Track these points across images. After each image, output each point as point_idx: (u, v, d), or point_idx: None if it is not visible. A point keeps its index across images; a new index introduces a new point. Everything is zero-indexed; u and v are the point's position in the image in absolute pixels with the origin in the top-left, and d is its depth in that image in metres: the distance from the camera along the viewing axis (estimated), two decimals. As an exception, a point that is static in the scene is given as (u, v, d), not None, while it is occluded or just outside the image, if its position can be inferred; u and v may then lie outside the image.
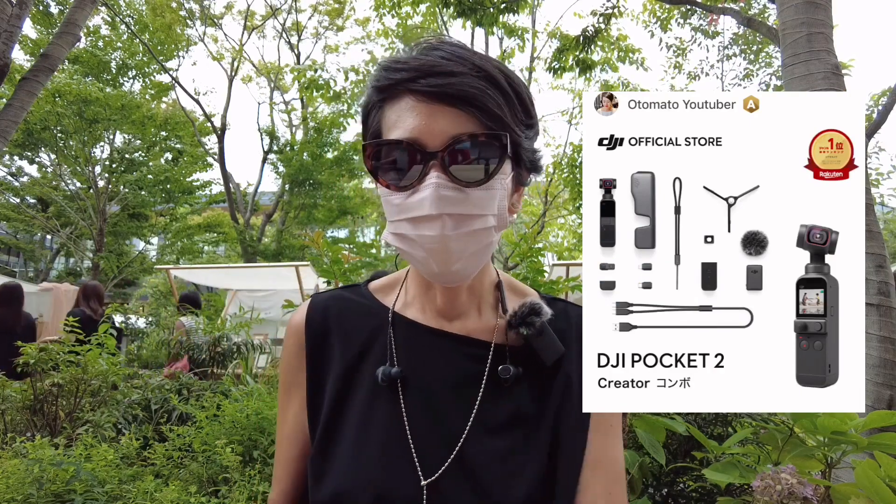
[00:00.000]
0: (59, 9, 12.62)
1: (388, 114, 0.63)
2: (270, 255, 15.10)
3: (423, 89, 0.59)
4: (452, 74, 0.59)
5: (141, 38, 13.92)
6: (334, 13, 16.16)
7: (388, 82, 0.62)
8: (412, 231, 0.61)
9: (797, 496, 1.04)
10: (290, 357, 0.75)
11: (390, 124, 0.63)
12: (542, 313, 0.69)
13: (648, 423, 1.54)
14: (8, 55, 3.36)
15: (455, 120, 0.59)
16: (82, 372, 3.59)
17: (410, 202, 0.60)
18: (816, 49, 2.39)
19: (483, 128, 0.60)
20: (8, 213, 15.35)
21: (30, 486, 2.21)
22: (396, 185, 0.61)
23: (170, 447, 2.62)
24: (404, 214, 0.61)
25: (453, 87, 0.59)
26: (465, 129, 0.59)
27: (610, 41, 8.57)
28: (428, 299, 0.73)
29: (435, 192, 0.58)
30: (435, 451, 0.64)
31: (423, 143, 0.59)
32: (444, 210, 0.59)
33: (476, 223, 0.61)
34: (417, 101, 0.60)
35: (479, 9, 5.43)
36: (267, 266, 10.38)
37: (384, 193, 0.63)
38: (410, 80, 0.60)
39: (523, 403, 0.67)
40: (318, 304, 0.76)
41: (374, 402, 0.68)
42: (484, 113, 0.60)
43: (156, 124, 13.86)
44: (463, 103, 0.59)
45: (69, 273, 19.59)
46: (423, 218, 0.60)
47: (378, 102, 0.65)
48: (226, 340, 7.12)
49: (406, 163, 0.60)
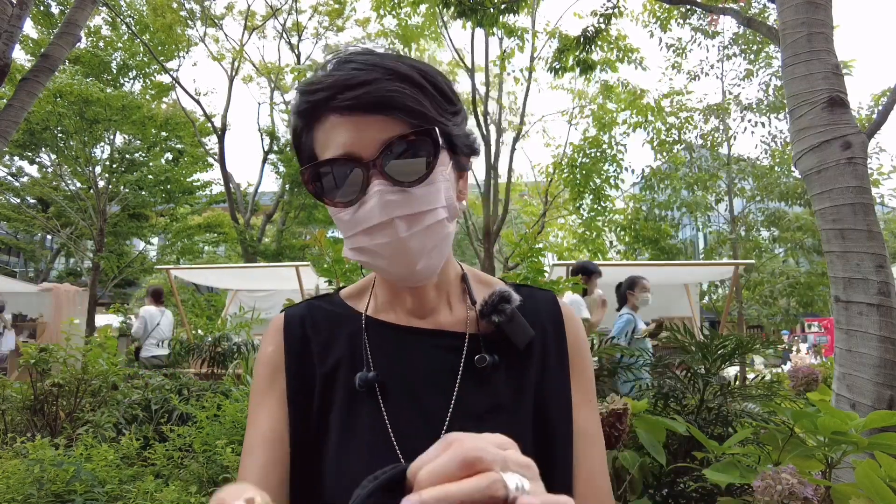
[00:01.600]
0: (59, 9, 12.64)
1: (317, 136, 0.64)
2: (271, 255, 15.10)
3: (343, 105, 0.60)
4: (368, 83, 0.60)
5: (141, 39, 13.93)
6: (334, 14, 16.16)
7: (308, 105, 0.63)
8: (368, 242, 0.63)
9: (798, 496, 1.04)
10: (268, 366, 0.73)
11: (321, 145, 0.64)
12: (512, 300, 0.71)
13: (649, 424, 1.54)
14: (8, 55, 3.36)
15: (382, 126, 0.60)
16: (82, 372, 3.59)
17: (359, 215, 0.62)
18: (817, 49, 2.38)
19: (410, 127, 0.61)
20: (8, 213, 15.35)
21: (30, 486, 2.21)
22: (342, 202, 0.63)
23: (170, 447, 2.63)
24: (357, 227, 0.63)
25: (371, 96, 0.60)
26: (393, 133, 0.60)
27: (610, 41, 8.57)
28: (398, 301, 0.73)
29: (380, 198, 0.60)
30: (420, 449, 0.65)
31: (356, 155, 0.61)
32: (394, 214, 0.60)
33: (427, 218, 0.62)
34: (341, 117, 0.61)
35: (479, 9, 5.43)
36: (267, 266, 10.38)
37: (333, 212, 0.65)
38: (330, 98, 0.61)
39: (502, 389, 0.69)
40: (294, 315, 0.76)
41: (354, 409, 0.68)
42: (407, 113, 0.61)
43: (156, 124, 13.85)
44: (385, 108, 0.60)
45: (69, 273, 19.61)
46: (376, 227, 0.61)
47: (304, 127, 0.66)
48: (226, 341, 7.13)
49: (345, 178, 0.62)
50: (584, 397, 0.72)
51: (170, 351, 6.36)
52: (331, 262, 2.93)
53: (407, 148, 0.61)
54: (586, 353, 0.76)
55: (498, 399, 0.68)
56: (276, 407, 0.70)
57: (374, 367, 0.69)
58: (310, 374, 0.71)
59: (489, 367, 0.68)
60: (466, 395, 0.67)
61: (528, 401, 0.69)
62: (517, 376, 0.70)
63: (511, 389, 0.69)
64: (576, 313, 0.79)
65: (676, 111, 11.25)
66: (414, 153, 0.61)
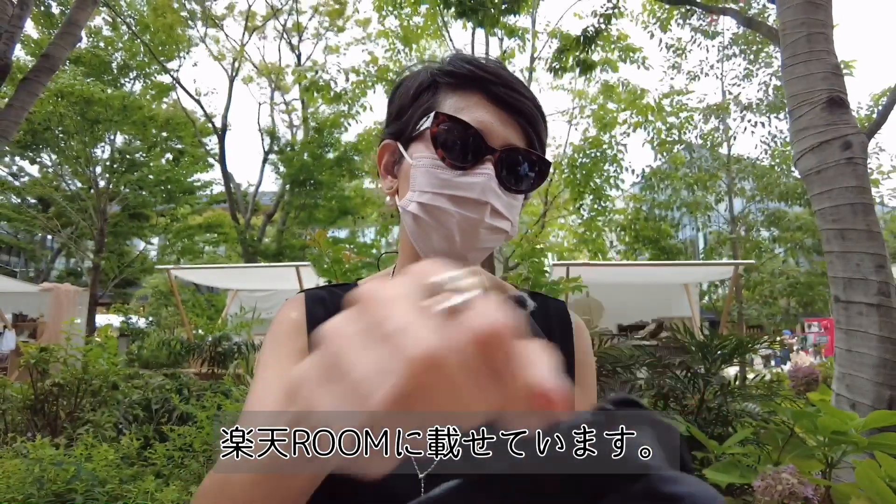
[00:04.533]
0: (60, 9, 12.64)
1: (451, 98, 0.67)
2: (271, 255, 15.09)
3: (499, 94, 0.65)
4: (524, 95, 0.67)
5: (142, 39, 13.93)
6: (335, 14, 16.16)
7: (469, 73, 0.67)
8: (451, 206, 0.64)
9: (798, 496, 1.04)
10: (291, 325, 0.70)
11: (454, 109, 0.66)
12: (527, 305, 0.72)
13: (649, 423, 1.54)
14: (9, 55, 3.36)
15: (516, 131, 0.66)
16: (83, 372, 3.59)
17: (460, 181, 0.64)
18: (816, 49, 2.38)
19: (535, 149, 0.68)
20: (9, 213, 15.36)
21: (30, 485, 2.21)
22: (451, 162, 0.65)
23: (170, 447, 2.62)
24: (448, 190, 0.64)
25: (523, 105, 0.66)
26: (521, 143, 0.67)
27: (611, 41, 8.56)
28: None
29: (488, 181, 0.64)
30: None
31: (487, 137, 0.64)
32: (491, 200, 0.64)
33: (504, 223, 0.67)
34: (489, 102, 0.66)
35: (479, 9, 5.43)
36: (267, 266, 10.38)
37: (429, 164, 0.65)
38: (490, 82, 0.66)
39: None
40: (316, 295, 0.76)
41: None
42: (537, 137, 0.68)
43: (157, 125, 13.86)
44: (526, 121, 0.67)
45: (70, 273, 19.61)
46: (471, 200, 0.64)
47: (443, 85, 0.68)
48: (226, 341, 7.12)
49: (468, 147, 0.64)
50: (584, 405, 0.72)
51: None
52: (330, 262, 2.93)
53: (523, 162, 0.67)
54: (591, 364, 0.77)
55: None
56: (298, 356, 0.67)
57: None
58: None
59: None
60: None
61: None
62: None
63: None
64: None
65: (676, 111, 11.25)
66: (526, 168, 0.67)
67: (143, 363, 8.23)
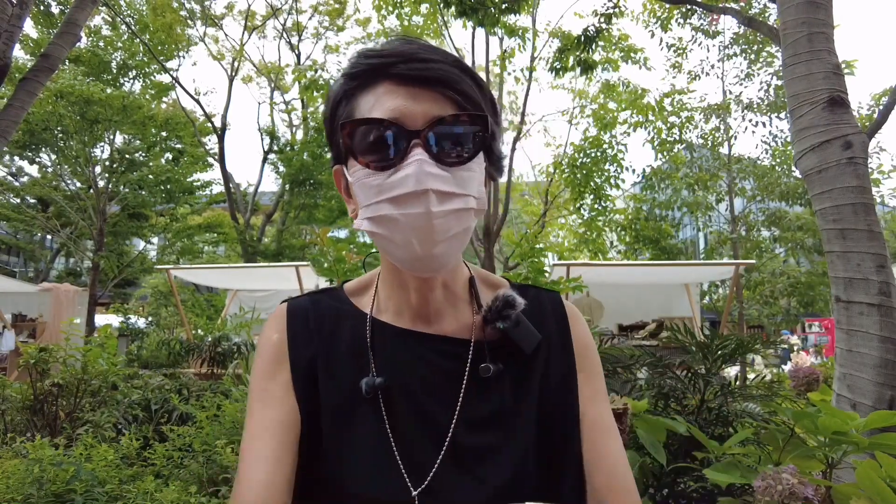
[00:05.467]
0: (59, 9, 12.63)
1: (362, 101, 0.63)
2: (271, 255, 15.09)
3: (403, 73, 0.60)
4: (431, 61, 0.61)
5: (141, 38, 13.93)
6: (335, 13, 16.16)
7: (366, 67, 0.63)
8: (395, 210, 0.60)
9: (798, 496, 1.03)
10: (272, 353, 0.70)
11: (366, 109, 0.62)
12: (517, 304, 0.69)
13: (649, 424, 1.54)
14: (8, 55, 3.35)
15: (436, 102, 0.60)
16: (82, 372, 3.59)
17: (392, 180, 0.59)
18: (817, 49, 2.38)
19: (463, 110, 0.61)
20: (8, 213, 15.35)
21: (30, 486, 2.21)
22: (377, 165, 0.60)
23: (170, 447, 2.62)
24: (385, 194, 0.60)
25: (433, 71, 0.60)
26: (446, 111, 0.60)
27: (612, 41, 8.56)
28: (403, 301, 0.71)
29: (419, 167, 0.58)
30: (422, 459, 0.64)
31: (404, 122, 0.59)
32: (430, 185, 0.58)
33: (459, 202, 0.61)
34: (396, 85, 0.61)
35: (480, 9, 5.43)
36: (267, 266, 10.38)
37: (361, 175, 0.62)
38: (390, 66, 0.61)
39: (506, 396, 0.68)
40: (298, 307, 0.74)
41: (356, 414, 0.66)
42: (463, 97, 0.61)
43: (156, 124, 13.86)
44: (443, 86, 0.60)
45: (69, 273, 19.62)
46: (408, 195, 0.59)
47: (350, 91, 0.64)
48: (226, 341, 7.12)
49: (386, 142, 0.60)
50: (593, 391, 0.71)
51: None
52: (332, 261, 2.93)
53: (455, 129, 0.61)
54: (592, 349, 0.75)
55: (501, 406, 0.67)
56: (284, 394, 0.68)
57: (378, 371, 0.68)
58: (312, 369, 0.69)
59: (493, 376, 0.67)
60: (469, 403, 0.66)
61: (533, 405, 0.68)
62: (522, 382, 0.69)
63: (515, 396, 0.68)
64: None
65: (677, 111, 11.25)
66: (460, 136, 0.61)
67: (142, 363, 8.24)
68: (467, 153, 0.61)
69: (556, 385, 0.70)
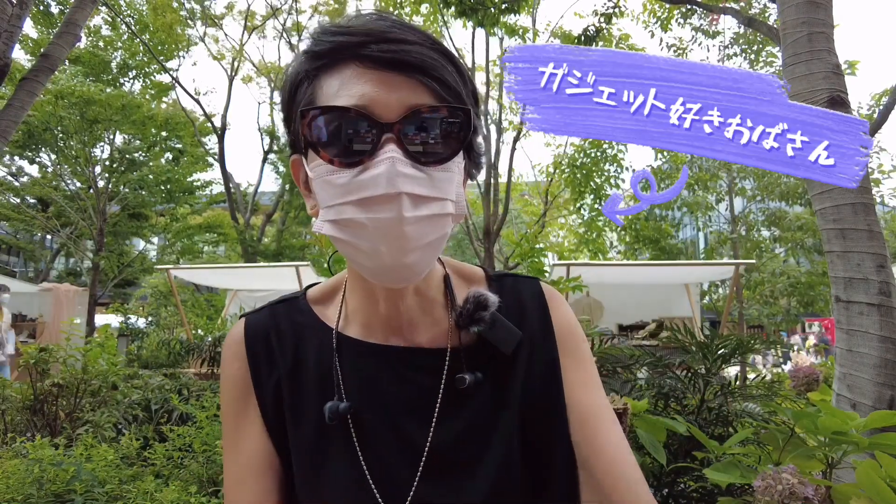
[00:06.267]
0: (59, 9, 12.63)
1: (325, 83, 0.54)
2: (270, 255, 15.09)
3: (374, 54, 0.52)
4: (407, 42, 0.52)
5: (141, 38, 13.93)
6: (334, 14, 16.16)
7: (330, 46, 0.54)
8: (361, 214, 0.51)
9: (798, 496, 1.03)
10: (236, 387, 0.65)
11: (330, 94, 0.53)
12: (489, 304, 0.62)
13: (649, 424, 1.54)
14: (8, 55, 3.35)
15: (411, 90, 0.52)
16: (82, 372, 3.59)
17: (361, 180, 0.51)
18: (817, 49, 2.38)
19: (443, 102, 0.53)
20: (8, 213, 15.35)
21: (30, 486, 2.21)
22: (342, 161, 0.52)
23: (170, 447, 2.62)
24: (352, 196, 0.52)
25: (409, 55, 0.52)
26: (423, 101, 0.52)
27: (612, 41, 8.56)
28: (372, 310, 0.64)
29: (392, 167, 0.50)
30: (398, 482, 0.60)
31: (375, 112, 0.51)
32: (403, 188, 0.50)
33: (435, 206, 0.53)
34: (366, 69, 0.52)
35: (480, 9, 5.43)
36: (267, 266, 10.37)
37: (323, 172, 0.53)
38: (359, 45, 0.52)
39: (484, 405, 0.62)
40: (257, 324, 0.67)
41: (325, 442, 0.61)
42: (442, 86, 0.53)
43: (156, 124, 13.85)
44: (420, 73, 0.52)
45: (69, 273, 19.61)
46: (378, 198, 0.51)
47: (313, 71, 0.55)
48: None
49: (353, 135, 0.51)
50: (582, 376, 0.65)
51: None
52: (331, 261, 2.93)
53: (434, 123, 0.52)
54: (577, 333, 0.68)
55: (479, 418, 0.62)
56: (257, 430, 0.63)
57: (346, 393, 0.61)
58: (278, 396, 0.64)
59: (471, 386, 0.61)
60: (446, 418, 0.61)
61: (515, 410, 0.63)
62: (503, 387, 0.63)
63: (494, 403, 0.63)
64: None
65: (677, 111, 11.23)
66: (440, 130, 0.53)
67: (142, 363, 8.24)
68: (446, 152, 0.53)
69: (540, 379, 0.64)
